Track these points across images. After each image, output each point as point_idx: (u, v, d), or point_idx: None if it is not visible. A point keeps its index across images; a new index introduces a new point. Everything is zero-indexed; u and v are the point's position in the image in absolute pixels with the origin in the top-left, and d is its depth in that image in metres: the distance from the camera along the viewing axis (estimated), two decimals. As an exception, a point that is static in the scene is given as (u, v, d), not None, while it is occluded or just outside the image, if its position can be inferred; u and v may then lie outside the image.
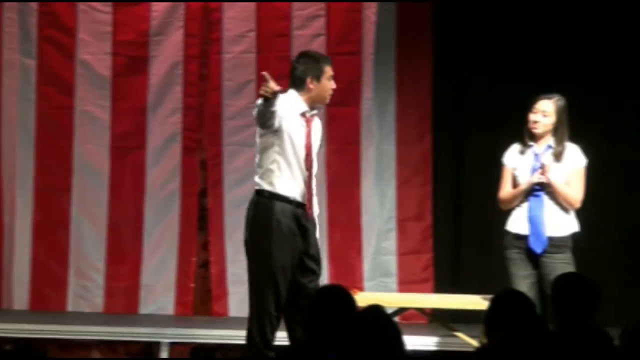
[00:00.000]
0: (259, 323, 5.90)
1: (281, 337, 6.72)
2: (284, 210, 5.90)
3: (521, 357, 3.54)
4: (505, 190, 6.44)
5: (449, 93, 8.24)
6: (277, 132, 5.88)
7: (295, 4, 8.21)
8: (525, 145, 6.41)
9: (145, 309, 8.10)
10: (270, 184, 5.92)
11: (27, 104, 8.18)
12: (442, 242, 8.16)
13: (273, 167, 5.91)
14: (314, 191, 6.05)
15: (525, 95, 8.15)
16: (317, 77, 5.97)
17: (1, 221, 8.19)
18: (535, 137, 6.38)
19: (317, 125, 6.09)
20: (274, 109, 5.69)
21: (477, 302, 6.52)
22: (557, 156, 6.30)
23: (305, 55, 6.14)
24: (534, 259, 6.27)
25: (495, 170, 8.19)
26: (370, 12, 8.21)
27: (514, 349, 3.55)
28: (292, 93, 5.98)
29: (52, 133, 8.26)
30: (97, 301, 8.11)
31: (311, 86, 5.96)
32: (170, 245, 8.13)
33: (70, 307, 8.13)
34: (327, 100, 6.09)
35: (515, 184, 6.41)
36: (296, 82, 5.98)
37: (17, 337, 7.23)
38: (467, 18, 8.15)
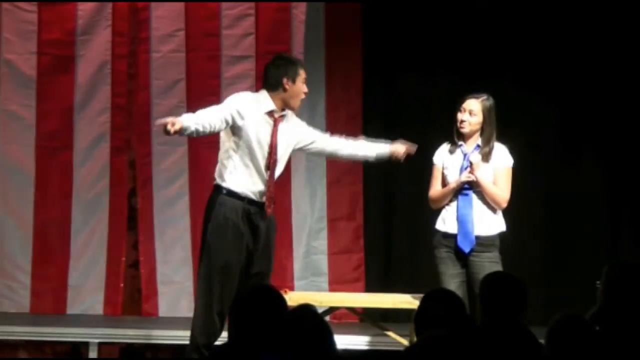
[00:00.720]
0: (200, 321, 5.94)
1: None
2: (233, 206, 5.96)
3: (449, 354, 3.56)
4: (435, 189, 6.47)
5: (379, 92, 8.26)
6: (236, 129, 5.97)
7: (224, 4, 8.19)
8: (455, 145, 6.43)
9: (73, 309, 8.02)
10: (222, 179, 6.02)
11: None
12: (372, 242, 8.19)
13: (227, 162, 6.01)
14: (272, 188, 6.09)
15: (455, 94, 8.23)
16: (293, 79, 6.04)
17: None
18: (464, 137, 6.40)
19: (289, 127, 6.11)
20: (188, 133, 5.79)
21: (408, 301, 6.56)
22: (485, 156, 6.33)
23: (281, 58, 6.25)
24: (463, 258, 6.30)
25: (425, 169, 8.25)
26: (299, 11, 8.22)
27: (442, 347, 3.57)
28: (262, 93, 6.07)
29: (-24, 133, 8.16)
30: (23, 302, 8.01)
31: (287, 87, 6.04)
32: (99, 245, 8.06)
33: (-5, 307, 8.05)
34: (298, 105, 6.14)
35: (445, 183, 6.44)
36: (270, 83, 6.06)
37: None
38: (396, 18, 8.18)
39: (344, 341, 6.65)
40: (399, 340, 6.62)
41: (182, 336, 7.18)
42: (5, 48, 8.13)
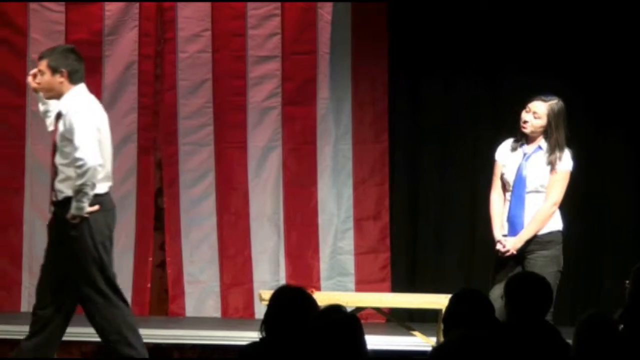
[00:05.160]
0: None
1: (237, 337, 6.77)
2: None
3: (477, 354, 3.56)
4: (495, 192, 6.28)
5: (405, 91, 8.26)
6: None
7: (250, 4, 8.20)
8: (517, 142, 6.28)
9: (101, 309, 8.05)
10: None
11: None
12: (399, 241, 8.18)
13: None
14: (55, 186, 6.09)
15: (480, 93, 8.24)
16: None
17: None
18: (527, 136, 6.23)
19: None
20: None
21: (434, 301, 6.54)
22: (552, 163, 6.15)
23: None
24: (518, 258, 6.21)
25: (451, 169, 8.28)
26: (325, 11, 8.22)
27: (469, 347, 3.57)
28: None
29: (4, 133, 8.18)
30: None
31: None
32: (126, 245, 8.07)
33: (24, 308, 8.04)
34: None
35: (503, 181, 6.32)
36: None
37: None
38: (422, 17, 8.18)
39: (370, 341, 6.60)
40: (425, 340, 6.62)
41: (209, 336, 7.21)
42: (33, 48, 8.15)
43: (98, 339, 7.18)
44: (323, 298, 6.25)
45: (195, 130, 8.18)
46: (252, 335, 5.73)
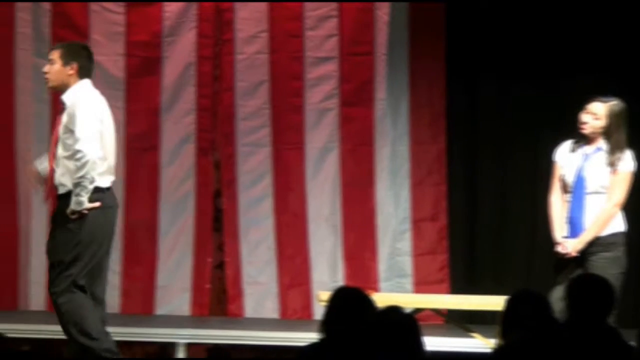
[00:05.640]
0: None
1: (295, 338, 6.78)
2: None
3: (537, 358, 3.55)
4: (554, 194, 6.24)
5: (462, 92, 8.24)
6: None
7: (308, 5, 8.21)
8: (577, 143, 6.23)
9: (161, 309, 8.10)
10: None
11: (41, 105, 8.16)
12: (457, 243, 8.15)
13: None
14: (55, 180, 6.00)
15: (539, 94, 8.19)
16: None
17: (17, 223, 8.19)
18: (586, 137, 6.18)
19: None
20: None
21: (493, 303, 6.50)
22: (612, 164, 6.11)
23: None
24: (579, 260, 6.16)
25: (508, 170, 8.23)
26: (383, 12, 8.21)
27: (529, 350, 3.56)
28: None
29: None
30: (113, 302, 8.08)
31: None
32: (185, 246, 8.13)
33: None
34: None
35: (563, 182, 6.29)
36: None
37: (34, 338, 7.22)
38: (480, 18, 8.15)
39: (429, 343, 6.60)
40: (485, 342, 6.59)
41: (268, 337, 7.23)
42: (94, 50, 8.15)
43: (161, 340, 7.30)
44: (381, 299, 6.23)
45: (253, 131, 8.21)
46: (310, 337, 5.76)
